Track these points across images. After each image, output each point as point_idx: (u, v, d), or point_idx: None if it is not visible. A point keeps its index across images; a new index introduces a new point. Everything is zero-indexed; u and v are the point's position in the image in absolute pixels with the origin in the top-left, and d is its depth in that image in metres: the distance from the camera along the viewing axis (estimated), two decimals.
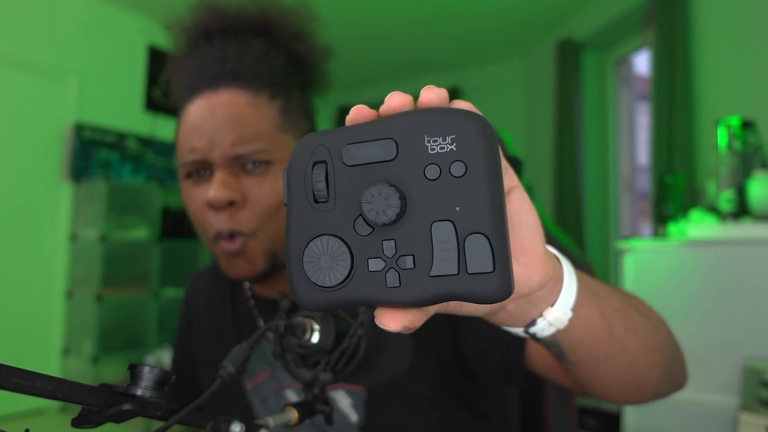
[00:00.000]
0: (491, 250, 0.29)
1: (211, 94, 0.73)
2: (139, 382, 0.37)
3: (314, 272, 0.30)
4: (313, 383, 0.56)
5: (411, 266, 0.29)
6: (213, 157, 0.71)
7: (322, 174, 0.31)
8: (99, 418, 0.36)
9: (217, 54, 0.74)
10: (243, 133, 0.71)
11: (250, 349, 0.51)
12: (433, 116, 0.30)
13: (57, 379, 0.33)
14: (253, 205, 0.71)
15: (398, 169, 0.30)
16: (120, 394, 0.36)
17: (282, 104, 0.76)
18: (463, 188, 0.29)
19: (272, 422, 0.49)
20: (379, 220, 0.29)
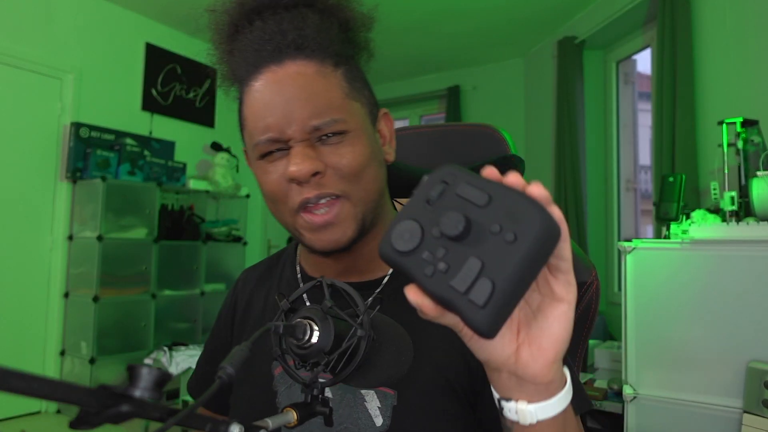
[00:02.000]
0: (490, 294, 0.38)
1: (276, 67, 0.71)
2: (137, 383, 0.37)
3: (396, 237, 0.43)
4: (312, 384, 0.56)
5: (444, 270, 0.40)
6: (290, 133, 0.70)
7: (439, 189, 0.44)
8: (97, 420, 0.36)
9: (275, 27, 0.72)
10: (316, 104, 0.70)
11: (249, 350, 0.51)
12: (523, 199, 0.41)
13: (54, 380, 0.33)
14: (335, 171, 0.71)
15: (479, 214, 0.41)
16: (118, 396, 0.36)
17: (345, 72, 0.75)
18: (505, 250, 0.39)
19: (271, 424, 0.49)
20: (445, 232, 0.41)
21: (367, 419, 0.72)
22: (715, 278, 1.82)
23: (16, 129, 3.72)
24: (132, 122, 4.38)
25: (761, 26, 2.68)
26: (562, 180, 4.26)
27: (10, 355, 3.64)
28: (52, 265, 3.91)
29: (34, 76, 3.82)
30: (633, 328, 1.93)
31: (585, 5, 4.18)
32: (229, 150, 4.73)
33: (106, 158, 3.93)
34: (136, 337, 4.02)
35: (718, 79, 2.96)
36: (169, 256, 4.23)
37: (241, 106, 0.76)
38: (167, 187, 4.30)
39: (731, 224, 1.88)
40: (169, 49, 4.70)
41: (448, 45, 4.96)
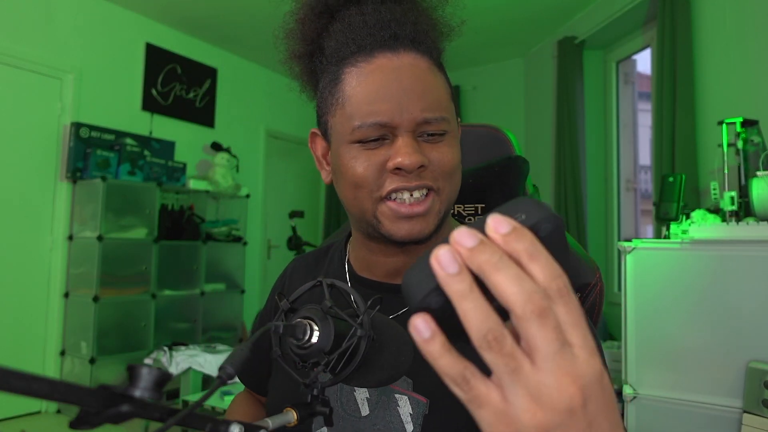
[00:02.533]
0: None
1: (391, 55, 0.71)
2: (137, 383, 0.36)
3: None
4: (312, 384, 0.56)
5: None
6: (400, 121, 0.69)
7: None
8: (97, 420, 0.36)
9: (389, 16, 0.72)
10: (429, 98, 0.70)
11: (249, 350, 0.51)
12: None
13: (54, 380, 0.33)
14: (435, 167, 0.71)
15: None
16: (118, 396, 0.36)
17: (445, 74, 0.76)
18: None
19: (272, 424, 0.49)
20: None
21: (398, 424, 0.72)
22: (715, 278, 1.82)
23: (16, 129, 3.72)
24: (132, 122, 4.38)
25: (761, 26, 2.68)
26: (562, 180, 4.26)
27: (10, 355, 3.64)
28: (52, 265, 3.91)
29: (35, 76, 3.82)
30: (633, 328, 1.93)
31: (585, 5, 4.17)
32: (229, 150, 4.73)
33: (106, 158, 3.93)
34: (136, 337, 4.02)
35: (718, 79, 2.96)
36: (169, 256, 4.23)
37: (337, 86, 0.73)
38: (167, 187, 4.30)
39: (731, 224, 1.88)
40: (169, 49, 4.70)
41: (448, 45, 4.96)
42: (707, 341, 1.81)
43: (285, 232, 5.26)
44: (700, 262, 1.85)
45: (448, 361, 0.34)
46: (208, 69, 5.03)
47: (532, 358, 0.33)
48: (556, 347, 0.32)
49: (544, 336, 0.32)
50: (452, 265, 0.33)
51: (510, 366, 0.32)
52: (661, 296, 1.90)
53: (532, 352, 0.32)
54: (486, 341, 0.32)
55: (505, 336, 0.32)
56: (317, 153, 0.82)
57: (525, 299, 0.32)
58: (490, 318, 0.32)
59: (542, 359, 0.32)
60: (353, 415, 0.74)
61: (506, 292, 0.32)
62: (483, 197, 1.01)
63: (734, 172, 2.08)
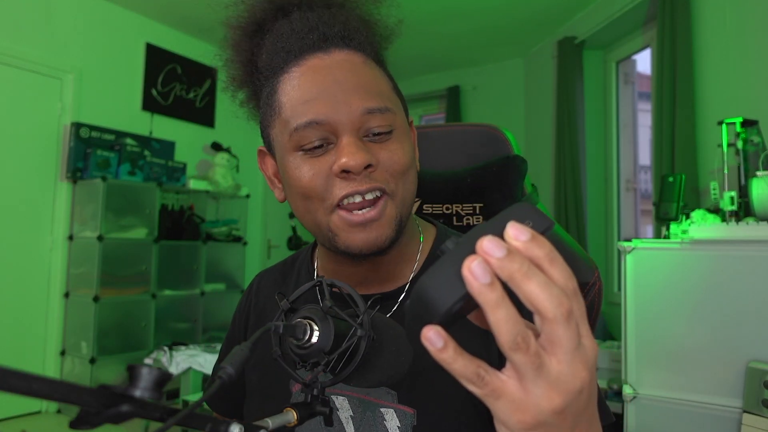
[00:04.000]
0: None
1: (323, 55, 0.68)
2: (138, 383, 0.36)
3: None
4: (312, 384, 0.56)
5: None
6: (338, 118, 0.65)
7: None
8: (97, 420, 0.35)
9: (317, 20, 0.70)
10: (369, 89, 0.67)
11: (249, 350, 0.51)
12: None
13: (54, 380, 0.32)
14: (384, 167, 0.67)
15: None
16: (118, 396, 0.36)
17: (386, 71, 0.74)
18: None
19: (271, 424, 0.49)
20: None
21: None
22: (714, 278, 1.82)
23: (16, 129, 3.72)
24: (132, 122, 4.38)
25: (761, 26, 2.68)
26: (562, 180, 4.26)
27: (11, 355, 3.64)
28: (52, 265, 3.91)
29: (35, 76, 3.82)
30: (633, 328, 1.93)
31: (585, 5, 4.17)
32: (229, 150, 4.73)
33: (107, 158, 3.93)
34: (136, 337, 4.02)
35: (718, 79, 2.96)
36: (169, 256, 4.23)
37: (273, 96, 0.71)
38: (167, 187, 4.30)
39: (731, 224, 1.88)
40: (169, 49, 4.69)
41: (448, 45, 4.96)
42: (707, 341, 1.81)
43: (285, 232, 5.27)
44: (700, 262, 1.84)
45: (462, 363, 0.36)
46: (208, 69, 5.03)
47: (554, 353, 0.36)
48: (576, 342, 0.36)
49: (569, 335, 0.35)
50: (485, 276, 0.34)
51: (536, 363, 0.35)
52: (661, 296, 1.90)
53: (555, 348, 0.36)
54: (516, 344, 0.34)
55: (530, 336, 0.35)
56: (267, 173, 0.79)
57: (555, 304, 0.34)
58: (518, 322, 0.35)
59: (564, 353, 0.35)
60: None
61: (538, 298, 0.34)
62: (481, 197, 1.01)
63: (734, 172, 2.07)
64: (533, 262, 0.35)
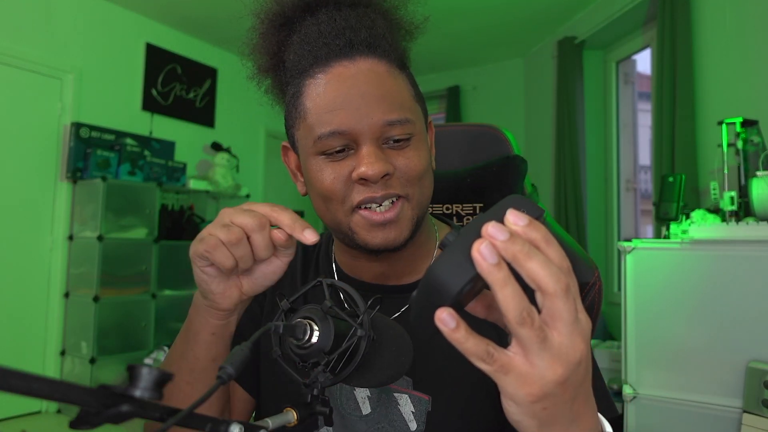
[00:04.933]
0: None
1: (347, 62, 0.70)
2: (137, 383, 0.36)
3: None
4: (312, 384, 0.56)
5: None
6: (360, 128, 0.68)
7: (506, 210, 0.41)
8: (97, 420, 0.35)
9: (344, 23, 0.71)
10: (391, 101, 0.69)
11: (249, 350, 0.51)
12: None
13: (54, 380, 0.32)
14: (401, 174, 0.70)
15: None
16: (118, 396, 0.36)
17: (408, 76, 0.75)
18: None
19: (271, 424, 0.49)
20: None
21: (401, 422, 0.72)
22: (714, 278, 1.82)
23: (16, 129, 3.72)
24: (132, 122, 4.38)
25: (761, 26, 2.68)
26: (562, 180, 4.26)
27: (11, 354, 3.64)
28: (52, 265, 3.91)
29: (35, 76, 3.82)
30: (633, 328, 1.93)
31: (585, 5, 4.17)
32: (229, 150, 4.73)
33: (107, 158, 3.93)
34: (136, 337, 4.02)
35: (718, 79, 2.96)
36: (169, 256, 4.23)
37: (299, 99, 0.73)
38: (167, 187, 4.30)
39: (731, 224, 1.88)
40: (169, 49, 4.69)
41: (448, 45, 4.96)
42: (707, 341, 1.81)
43: None
44: (700, 262, 1.85)
45: (473, 342, 0.39)
46: (208, 69, 5.03)
47: (556, 326, 0.39)
48: (574, 316, 0.39)
49: (568, 308, 0.38)
50: (493, 257, 0.37)
51: (540, 336, 0.38)
52: (661, 296, 1.90)
53: (556, 322, 0.39)
54: (522, 318, 0.38)
55: (533, 311, 0.38)
56: (291, 166, 0.81)
57: (555, 280, 0.38)
58: (524, 299, 0.38)
59: (564, 326, 0.39)
60: (354, 414, 0.74)
61: (539, 275, 0.38)
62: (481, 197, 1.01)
63: (734, 172, 2.07)
64: (532, 243, 0.39)
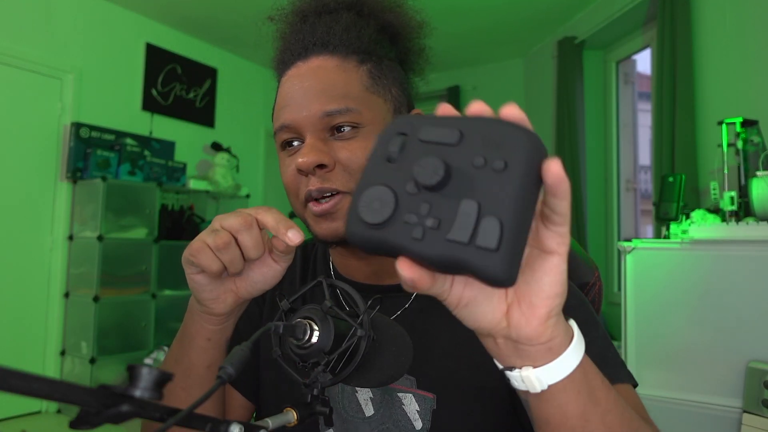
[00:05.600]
0: (500, 232, 0.33)
1: (301, 63, 0.74)
2: (137, 383, 0.36)
3: (364, 210, 0.37)
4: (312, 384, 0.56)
5: (435, 226, 0.35)
6: (301, 121, 0.71)
7: (399, 141, 0.38)
8: (97, 420, 0.35)
9: (308, 28, 0.75)
10: (331, 93, 0.70)
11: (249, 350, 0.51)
12: (498, 123, 0.36)
13: (54, 380, 0.32)
14: (344, 166, 0.70)
15: (455, 153, 0.36)
16: (118, 396, 0.36)
17: (371, 68, 0.75)
18: (498, 181, 0.34)
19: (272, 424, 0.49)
20: (423, 182, 0.35)
21: (406, 422, 0.72)
22: (714, 278, 1.82)
23: (16, 129, 3.72)
24: (132, 122, 4.38)
25: (761, 26, 2.68)
26: None
27: (11, 354, 3.64)
28: (52, 265, 3.91)
29: (35, 76, 3.82)
30: (633, 328, 1.93)
31: (585, 5, 4.17)
32: (229, 150, 4.73)
33: (107, 158, 3.93)
34: (136, 337, 4.02)
35: (718, 79, 2.96)
36: (169, 256, 4.23)
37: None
38: (167, 187, 4.30)
39: (731, 224, 1.88)
40: (169, 49, 4.69)
41: (448, 45, 4.96)
42: (707, 341, 1.81)
43: None
44: (700, 262, 1.85)
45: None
46: (208, 69, 5.03)
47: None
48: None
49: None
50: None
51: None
52: (661, 296, 1.90)
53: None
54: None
55: None
56: None
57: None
58: None
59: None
60: (357, 416, 0.74)
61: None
62: None
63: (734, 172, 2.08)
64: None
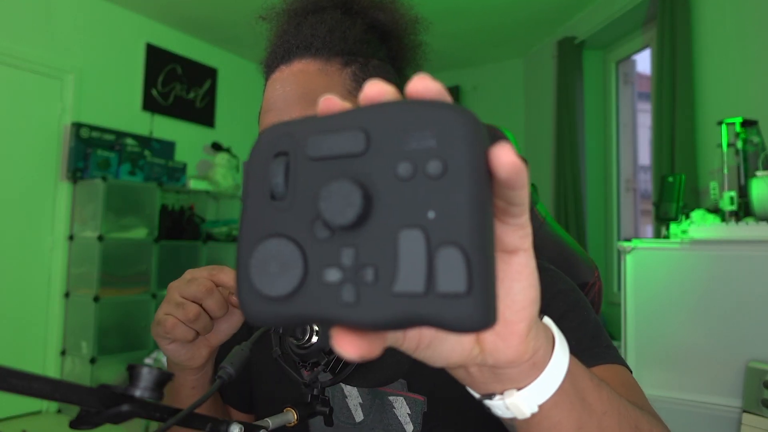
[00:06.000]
0: (467, 266, 0.24)
1: (284, 67, 0.73)
2: (138, 383, 0.37)
3: (260, 278, 0.26)
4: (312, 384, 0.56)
5: (372, 280, 0.25)
6: None
7: (282, 167, 0.27)
8: (97, 419, 0.36)
9: (293, 29, 0.74)
10: (311, 98, 0.70)
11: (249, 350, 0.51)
12: (412, 107, 0.26)
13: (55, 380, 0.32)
14: None
15: (367, 165, 0.26)
16: (118, 395, 0.36)
17: (356, 70, 0.74)
18: (440, 191, 0.24)
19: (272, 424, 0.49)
20: (336, 222, 0.25)
21: (397, 425, 0.71)
22: (714, 278, 1.82)
23: (16, 129, 3.72)
24: (132, 122, 4.38)
25: (761, 26, 2.69)
26: (562, 180, 4.26)
27: (11, 354, 3.64)
28: (52, 265, 3.91)
29: (35, 76, 3.82)
30: (633, 328, 1.93)
31: (585, 6, 4.17)
32: (229, 150, 4.74)
33: (107, 158, 3.93)
34: (136, 337, 4.02)
35: (718, 79, 2.96)
36: (169, 256, 4.23)
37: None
38: (168, 187, 4.30)
39: (730, 224, 1.88)
40: (169, 49, 4.70)
41: (448, 45, 4.96)
42: (707, 341, 1.81)
43: None
44: (700, 262, 1.85)
45: None
46: (209, 69, 5.03)
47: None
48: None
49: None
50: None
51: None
52: (661, 296, 1.90)
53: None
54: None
55: None
56: None
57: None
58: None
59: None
60: (347, 422, 0.73)
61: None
62: None
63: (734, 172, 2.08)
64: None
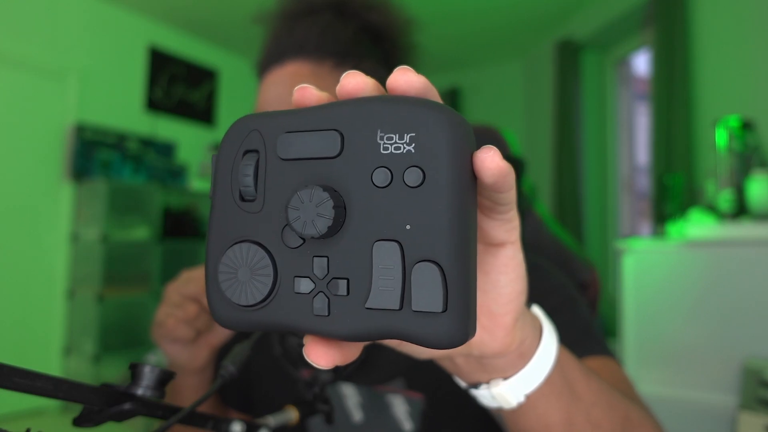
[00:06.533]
0: (444, 284, 0.23)
1: (277, 69, 0.72)
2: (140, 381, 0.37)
3: (229, 286, 0.25)
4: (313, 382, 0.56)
5: (344, 293, 0.24)
6: None
7: (252, 166, 0.25)
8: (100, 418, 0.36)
9: (286, 31, 0.74)
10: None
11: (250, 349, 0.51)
12: (391, 106, 0.24)
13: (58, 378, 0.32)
14: None
15: (341, 169, 0.24)
16: (121, 394, 0.36)
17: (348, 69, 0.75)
18: (418, 202, 0.23)
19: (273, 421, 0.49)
20: (307, 232, 0.23)
21: (395, 424, 0.71)
22: (712, 278, 1.82)
23: (19, 130, 3.73)
24: (135, 123, 4.38)
25: (760, 27, 2.69)
26: (561, 180, 4.26)
27: (15, 353, 3.65)
28: (55, 265, 3.92)
29: (38, 77, 3.83)
30: (631, 328, 1.94)
31: (583, 7, 4.17)
32: None
33: (109, 159, 3.94)
34: (139, 336, 4.03)
35: (715, 79, 2.96)
36: (171, 256, 4.24)
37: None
38: (170, 187, 4.30)
39: (727, 224, 1.89)
40: (171, 50, 4.70)
41: (447, 46, 4.96)
42: (705, 340, 1.82)
43: None
44: (698, 261, 1.85)
45: None
46: (211, 70, 5.04)
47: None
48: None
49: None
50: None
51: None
52: (659, 296, 1.91)
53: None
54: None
55: None
56: None
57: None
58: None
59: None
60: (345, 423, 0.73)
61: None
62: None
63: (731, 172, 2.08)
64: None
